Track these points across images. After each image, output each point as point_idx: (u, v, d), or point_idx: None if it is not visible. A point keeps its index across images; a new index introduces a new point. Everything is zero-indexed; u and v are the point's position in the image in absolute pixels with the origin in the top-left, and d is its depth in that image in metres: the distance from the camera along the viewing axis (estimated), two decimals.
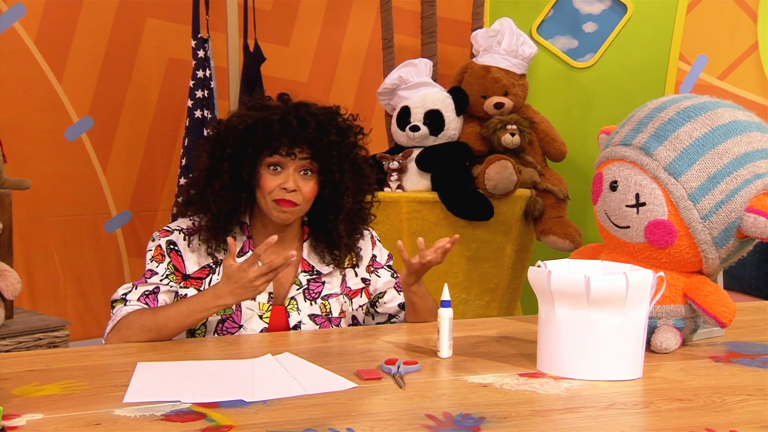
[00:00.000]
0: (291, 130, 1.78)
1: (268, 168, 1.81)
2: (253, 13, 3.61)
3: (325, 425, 1.23)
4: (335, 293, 1.92)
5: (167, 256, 1.84)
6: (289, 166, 1.80)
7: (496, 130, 3.15)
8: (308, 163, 1.81)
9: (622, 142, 1.73)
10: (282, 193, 1.79)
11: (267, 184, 1.80)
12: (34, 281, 3.46)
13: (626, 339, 1.49)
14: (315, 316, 1.89)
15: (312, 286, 1.90)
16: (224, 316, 1.83)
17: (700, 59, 3.66)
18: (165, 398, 1.34)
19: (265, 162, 1.80)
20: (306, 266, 1.90)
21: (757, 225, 1.61)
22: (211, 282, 1.84)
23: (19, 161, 3.25)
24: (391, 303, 2.00)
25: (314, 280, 1.90)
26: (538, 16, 3.54)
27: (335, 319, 1.91)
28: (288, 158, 1.80)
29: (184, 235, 1.86)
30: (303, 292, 1.89)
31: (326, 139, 1.81)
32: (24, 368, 1.56)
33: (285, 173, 1.80)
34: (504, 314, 3.15)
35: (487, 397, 1.38)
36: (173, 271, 1.84)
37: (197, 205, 1.85)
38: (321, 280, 1.91)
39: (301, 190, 1.81)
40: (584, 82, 3.49)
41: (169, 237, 1.85)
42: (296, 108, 1.84)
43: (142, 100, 3.75)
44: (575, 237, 3.14)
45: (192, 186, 1.88)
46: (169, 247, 1.84)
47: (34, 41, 3.43)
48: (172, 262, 1.84)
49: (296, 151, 1.79)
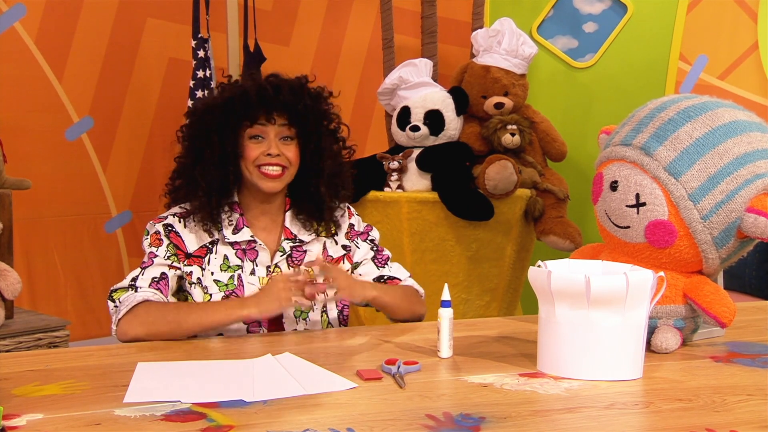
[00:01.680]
0: (267, 95, 1.86)
1: (250, 139, 1.88)
2: (254, 13, 3.61)
3: (325, 425, 1.23)
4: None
5: (166, 239, 1.88)
6: (270, 134, 1.88)
7: (497, 130, 3.15)
8: (287, 128, 1.89)
9: (622, 142, 1.73)
10: (266, 158, 1.86)
11: (251, 153, 1.87)
12: (34, 281, 3.47)
13: (626, 339, 1.49)
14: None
15: (295, 254, 1.95)
16: (227, 292, 1.87)
17: (700, 59, 3.66)
18: (165, 398, 1.34)
19: (247, 134, 1.88)
20: (288, 234, 1.95)
21: (758, 225, 1.61)
22: (210, 261, 1.88)
23: (20, 161, 3.26)
24: (368, 276, 2.02)
25: (296, 248, 1.95)
26: (538, 16, 3.54)
27: (321, 286, 1.92)
28: (268, 125, 1.87)
29: (179, 218, 1.90)
30: (286, 259, 1.94)
31: (301, 103, 1.89)
32: (24, 368, 1.56)
33: (267, 141, 1.88)
34: (504, 314, 3.16)
35: (487, 397, 1.38)
36: (174, 252, 1.87)
37: (187, 189, 1.90)
38: (303, 248, 1.96)
39: (285, 153, 1.88)
40: (584, 82, 3.50)
41: (164, 222, 1.90)
42: (267, 79, 1.92)
43: (142, 100, 3.75)
44: (575, 237, 3.14)
45: (179, 173, 1.93)
46: (167, 230, 1.88)
47: (34, 41, 3.43)
48: (172, 242, 1.88)
49: (275, 116, 1.87)
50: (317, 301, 1.84)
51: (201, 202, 1.87)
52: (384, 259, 2.06)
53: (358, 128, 4.08)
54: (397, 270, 2.06)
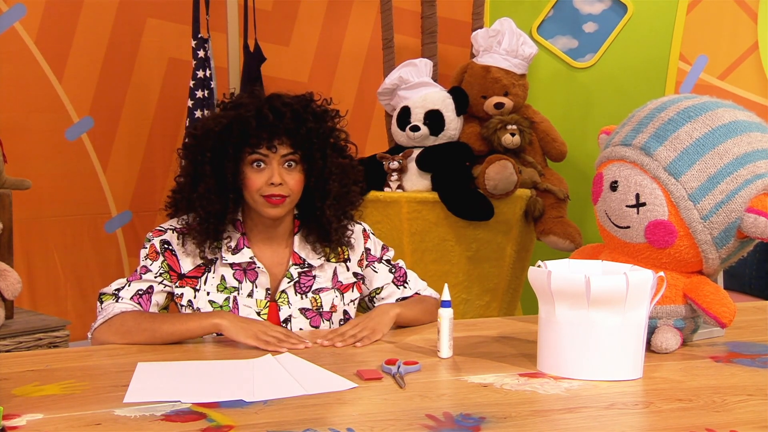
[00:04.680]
0: (267, 123, 1.78)
1: (251, 165, 1.80)
2: (254, 13, 3.61)
3: (325, 425, 1.23)
4: (326, 287, 1.92)
5: (161, 255, 1.84)
6: (272, 161, 1.80)
7: (497, 130, 3.15)
8: (290, 154, 1.81)
9: (622, 143, 1.73)
10: (270, 188, 1.79)
11: (253, 183, 1.80)
12: (34, 281, 3.47)
13: (626, 339, 1.49)
14: (306, 310, 1.88)
15: (303, 279, 1.90)
16: None
17: (700, 59, 3.66)
18: (165, 398, 1.34)
19: (248, 160, 1.80)
20: (297, 259, 1.90)
21: (757, 225, 1.61)
22: (207, 281, 1.85)
23: (20, 161, 3.25)
24: (390, 299, 1.98)
25: (305, 274, 1.90)
26: (538, 16, 3.54)
27: (326, 314, 1.90)
28: (269, 152, 1.80)
29: (177, 234, 1.86)
30: (294, 285, 1.89)
31: (304, 127, 1.81)
32: (24, 368, 1.56)
33: (269, 168, 1.80)
34: (504, 314, 3.15)
35: (487, 397, 1.38)
36: (167, 270, 1.84)
37: (185, 210, 1.85)
38: (312, 273, 1.91)
39: (287, 182, 1.80)
40: (584, 82, 3.49)
41: (162, 237, 1.86)
42: (269, 100, 1.83)
43: (142, 100, 3.75)
44: (575, 237, 3.14)
45: (178, 191, 1.88)
46: (163, 247, 1.85)
47: (34, 41, 3.43)
48: (167, 261, 1.84)
49: (276, 144, 1.79)
50: None
51: (200, 227, 1.82)
52: (402, 276, 2.01)
53: (358, 128, 4.08)
54: (414, 284, 2.02)
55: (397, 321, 1.86)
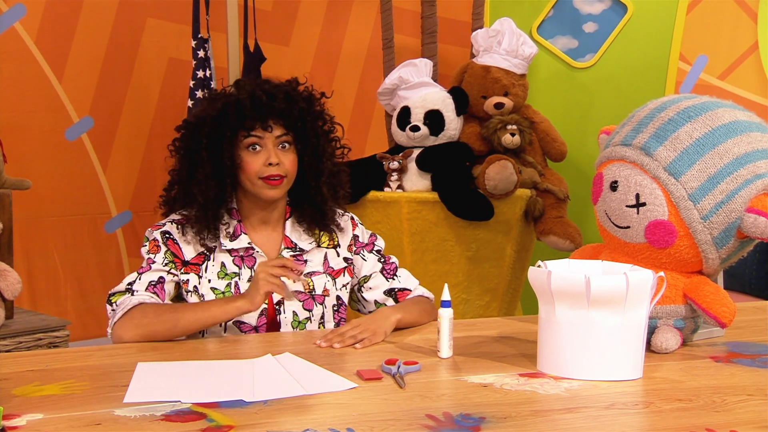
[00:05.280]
0: (261, 103, 1.83)
1: (247, 149, 1.85)
2: (254, 13, 3.60)
3: (325, 425, 1.23)
4: (318, 271, 1.94)
5: (164, 246, 1.87)
6: (267, 142, 1.85)
7: (497, 130, 3.15)
8: (284, 134, 1.86)
9: (622, 143, 1.73)
10: (268, 169, 1.84)
11: (250, 166, 1.84)
12: (34, 281, 3.46)
13: (626, 339, 1.49)
14: (298, 293, 1.90)
15: None
16: None
17: (700, 59, 3.66)
18: (165, 398, 1.34)
19: (243, 144, 1.85)
20: (288, 243, 1.93)
21: (758, 225, 1.61)
22: (207, 269, 1.88)
23: (19, 161, 3.25)
24: (377, 289, 2.00)
25: (296, 258, 1.93)
26: (538, 16, 3.54)
27: (319, 297, 1.92)
28: (265, 132, 1.84)
29: (177, 225, 1.89)
30: None
31: (296, 107, 1.87)
32: (24, 368, 1.56)
33: (265, 150, 1.85)
34: (504, 314, 3.15)
35: (487, 397, 1.38)
36: (172, 259, 1.87)
37: (184, 201, 1.88)
38: (303, 258, 1.94)
39: (284, 162, 1.85)
40: (584, 82, 3.49)
41: (162, 229, 1.89)
42: (259, 85, 1.89)
43: (142, 100, 3.75)
44: (575, 237, 3.14)
45: (174, 184, 1.92)
46: (164, 237, 1.88)
47: (34, 41, 3.43)
48: (170, 249, 1.87)
49: (271, 123, 1.84)
50: (302, 291, 1.82)
51: (198, 214, 1.85)
52: (392, 269, 2.03)
53: (358, 128, 4.09)
54: (405, 280, 2.03)
55: (397, 325, 1.88)
